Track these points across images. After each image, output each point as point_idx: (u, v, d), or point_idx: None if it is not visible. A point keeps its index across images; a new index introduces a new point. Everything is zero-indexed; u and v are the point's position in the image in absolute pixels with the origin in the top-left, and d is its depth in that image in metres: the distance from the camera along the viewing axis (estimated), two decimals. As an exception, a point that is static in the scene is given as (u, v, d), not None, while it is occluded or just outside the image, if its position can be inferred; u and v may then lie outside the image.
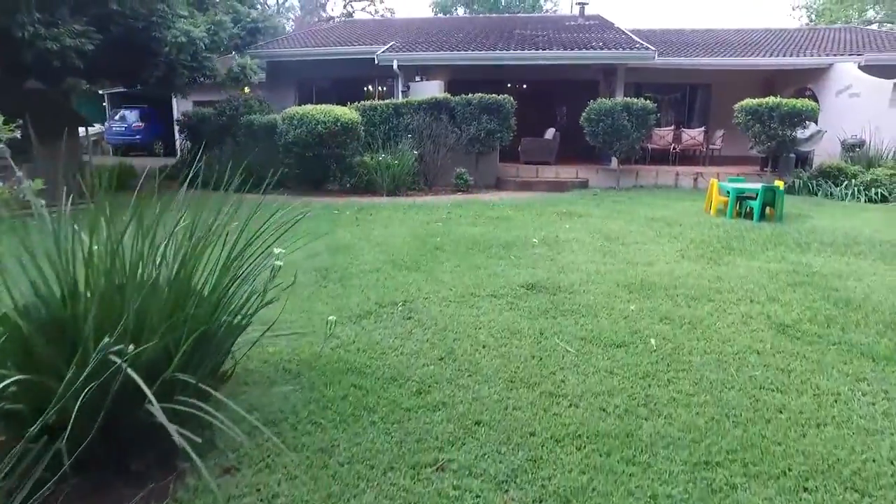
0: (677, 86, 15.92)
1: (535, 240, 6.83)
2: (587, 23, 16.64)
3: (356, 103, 12.14)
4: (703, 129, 13.96)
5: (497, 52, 13.16)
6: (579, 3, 17.79)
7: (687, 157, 14.32)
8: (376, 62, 12.90)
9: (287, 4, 40.24)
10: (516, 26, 16.88)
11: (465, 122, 11.71)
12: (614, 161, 12.33)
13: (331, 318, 3.93)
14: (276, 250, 2.74)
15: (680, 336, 3.88)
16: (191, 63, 10.01)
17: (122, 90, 20.35)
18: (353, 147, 11.14)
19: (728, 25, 19.21)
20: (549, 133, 13.70)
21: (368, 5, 39.35)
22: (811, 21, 36.36)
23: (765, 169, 12.68)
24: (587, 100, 12.29)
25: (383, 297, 4.69)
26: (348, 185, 11.19)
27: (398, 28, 17.79)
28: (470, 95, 11.65)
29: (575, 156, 14.99)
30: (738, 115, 11.56)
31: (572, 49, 12.94)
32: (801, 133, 11.77)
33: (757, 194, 8.35)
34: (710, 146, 14.19)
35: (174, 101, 20.45)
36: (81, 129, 10.87)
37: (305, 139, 10.64)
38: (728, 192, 8.66)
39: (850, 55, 13.32)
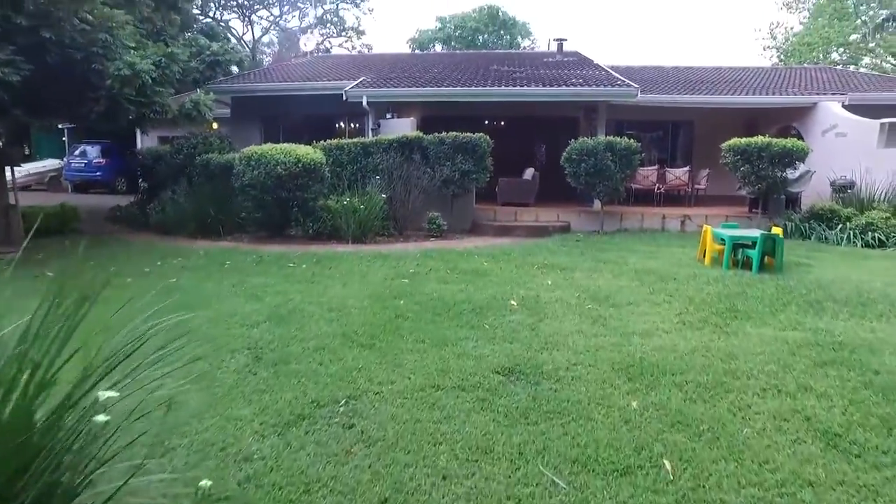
0: (659, 123, 15.47)
1: (513, 302, 5.95)
2: (565, 59, 16.22)
3: (322, 142, 11.33)
4: (687, 168, 13.41)
5: (472, 88, 12.53)
6: (557, 40, 17.41)
7: (671, 198, 13.72)
8: (344, 98, 12.15)
9: (266, 40, 39.93)
10: (493, 62, 16.38)
11: (439, 162, 10.94)
12: (597, 203, 11.63)
13: (204, 483, 2.39)
14: (103, 394, 1.77)
15: (700, 453, 2.99)
16: (137, 98, 9.09)
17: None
18: (317, 189, 10.26)
19: (702, 63, 19.01)
20: (528, 173, 13.01)
21: (345, 41, 39.21)
22: (781, 61, 37.00)
23: (754, 210, 12.09)
24: (567, 138, 11.66)
25: (324, 391, 3.73)
26: (311, 231, 10.26)
27: (372, 63, 17.19)
28: (443, 134, 10.93)
29: (555, 196, 14.29)
30: (726, 155, 10.99)
31: (551, 85, 12.38)
32: (790, 173, 11.23)
33: (755, 243, 7.63)
34: (695, 186, 13.63)
35: (138, 135, 19.50)
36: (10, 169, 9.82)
37: (263, 181, 9.74)
38: (723, 240, 7.93)
39: (833, 94, 12.97)
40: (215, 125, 15.60)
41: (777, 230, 8.06)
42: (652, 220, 11.70)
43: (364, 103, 12.09)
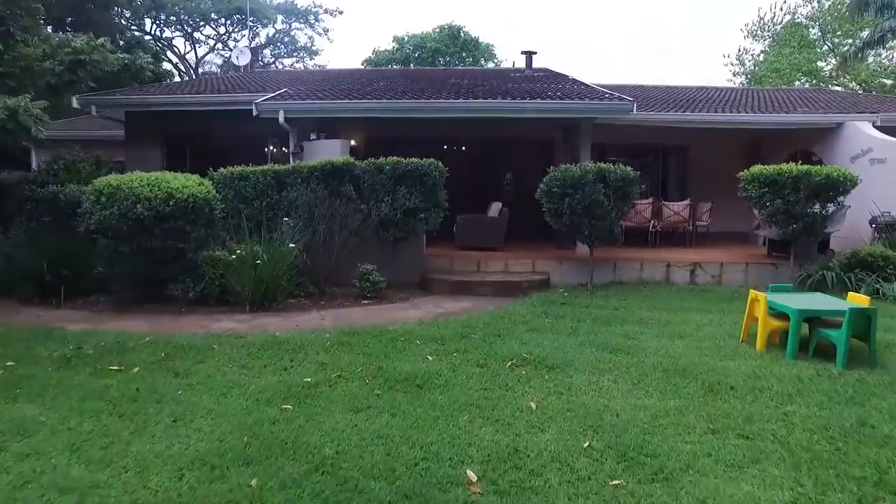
0: (647, 148, 13.08)
1: (471, 474, 3.13)
2: (536, 74, 13.79)
3: (219, 171, 8.45)
4: (688, 202, 10.97)
5: (423, 101, 9.85)
6: (525, 53, 14.99)
7: (668, 237, 11.26)
8: (255, 113, 9.30)
9: (217, 60, 36.90)
10: (451, 77, 13.85)
11: (375, 196, 8.18)
12: (582, 246, 8.99)
13: None
14: None
15: None
16: None
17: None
18: (199, 237, 7.34)
19: (685, 83, 16.90)
20: (494, 208, 10.34)
21: (296, 62, 36.54)
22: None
23: (776, 254, 9.64)
24: (542, 165, 9.09)
25: None
26: (191, 294, 7.28)
27: (314, 78, 14.47)
28: (382, 160, 8.20)
29: (529, 236, 11.64)
30: (749, 188, 8.52)
31: (524, 99, 9.79)
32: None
33: (840, 317, 5.06)
34: (697, 222, 11.19)
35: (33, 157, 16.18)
36: None
37: (117, 224, 6.79)
38: (785, 313, 5.33)
39: (860, 113, 10.78)
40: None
41: (863, 300, 5.50)
42: (653, 269, 9.11)
43: (281, 120, 9.26)
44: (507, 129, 11.83)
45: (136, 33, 29.03)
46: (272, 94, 9.86)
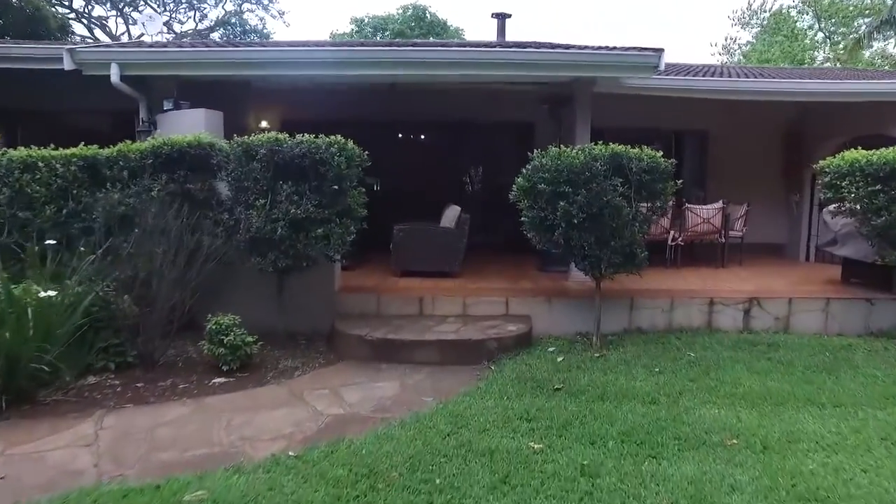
0: (655, 135, 9.91)
1: None
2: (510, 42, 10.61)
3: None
4: (720, 204, 7.92)
5: (345, 49, 6.59)
6: (497, 16, 11.79)
7: (692, 251, 8.25)
8: (68, 66, 5.89)
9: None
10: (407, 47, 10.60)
11: (244, 199, 4.90)
12: (577, 273, 5.83)
13: None
14: None
15: None
16: None
17: None
18: None
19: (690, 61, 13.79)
20: (450, 215, 7.11)
21: (246, 46, 32.85)
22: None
23: (853, 280, 6.65)
24: (517, 154, 5.99)
25: None
26: None
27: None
28: (251, 138, 4.91)
29: (500, 252, 8.55)
30: (842, 183, 5.46)
31: (503, 49, 6.54)
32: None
33: None
34: (730, 232, 8.18)
35: None
36: None
37: None
38: None
39: (952, 81, 7.87)
40: None
41: None
42: (687, 309, 5.99)
43: (115, 79, 5.83)
44: (474, 107, 8.76)
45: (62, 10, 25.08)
46: (105, 43, 6.45)
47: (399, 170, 9.49)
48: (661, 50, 5.75)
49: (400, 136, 10.51)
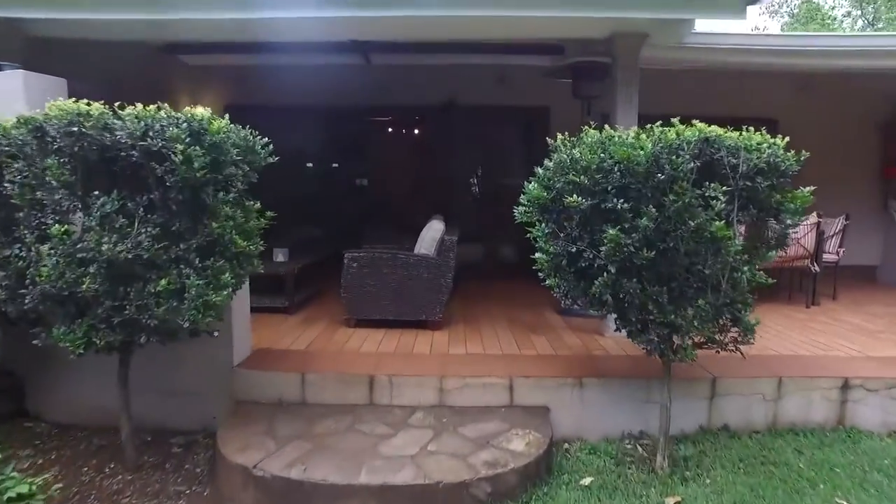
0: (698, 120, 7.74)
1: None
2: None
3: None
4: (815, 218, 5.64)
5: None
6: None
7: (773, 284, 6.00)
8: None
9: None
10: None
11: (35, 222, 2.73)
12: (610, 326, 3.60)
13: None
14: None
15: None
16: None
17: None
18: None
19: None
20: (432, 233, 4.87)
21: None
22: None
23: None
24: (527, 148, 3.89)
25: None
26: None
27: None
28: (54, 110, 2.73)
29: (504, 279, 6.39)
30: None
31: None
32: None
33: None
34: (823, 254, 5.91)
35: None
36: None
37: None
38: None
39: None
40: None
41: None
42: (804, 394, 3.75)
43: None
44: (476, 89, 6.68)
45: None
46: None
47: (395, 176, 7.43)
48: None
49: (401, 132, 8.29)
